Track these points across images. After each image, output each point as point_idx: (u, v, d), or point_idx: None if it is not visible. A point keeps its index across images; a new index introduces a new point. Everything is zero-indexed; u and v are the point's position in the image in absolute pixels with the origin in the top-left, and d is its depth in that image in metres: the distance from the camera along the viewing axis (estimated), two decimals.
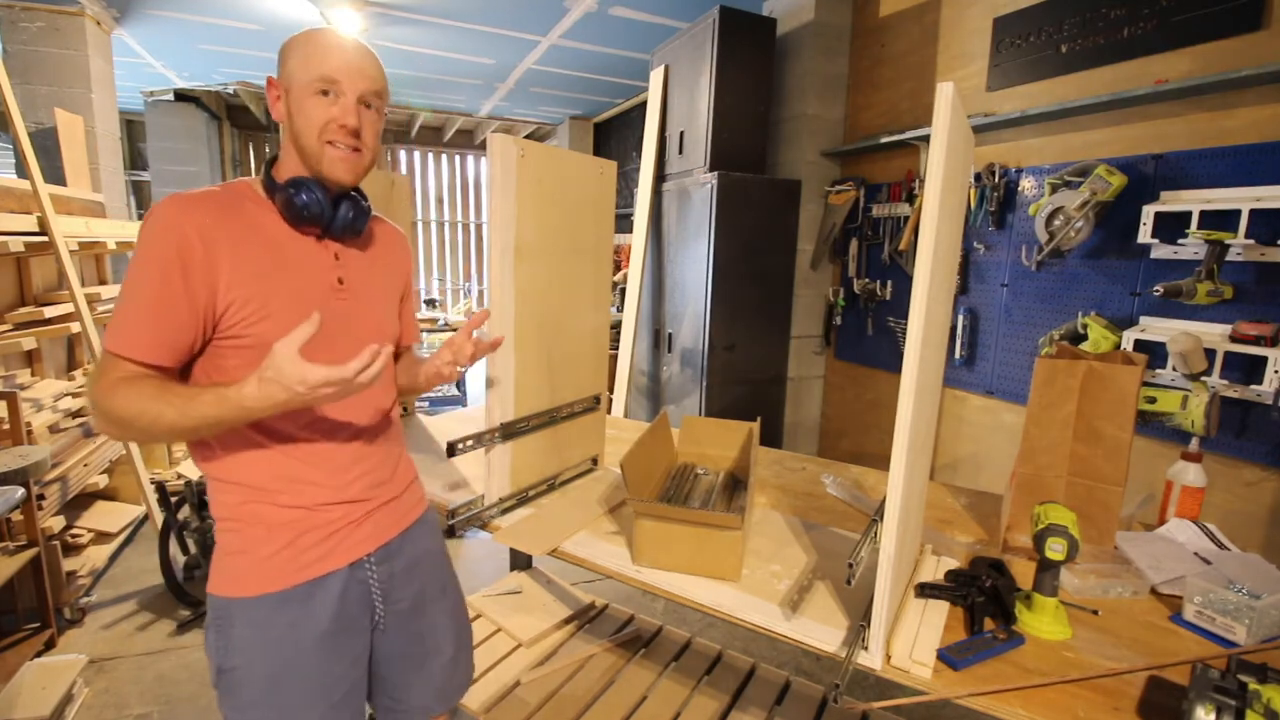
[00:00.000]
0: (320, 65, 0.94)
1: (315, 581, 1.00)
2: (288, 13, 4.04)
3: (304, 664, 1.00)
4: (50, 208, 2.61)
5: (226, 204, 0.95)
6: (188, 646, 2.35)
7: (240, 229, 0.94)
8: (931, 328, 0.97)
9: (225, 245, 0.91)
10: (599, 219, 1.64)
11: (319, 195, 0.96)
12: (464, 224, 8.96)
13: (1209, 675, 0.86)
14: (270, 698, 0.99)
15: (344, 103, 0.95)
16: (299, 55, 0.95)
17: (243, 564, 0.98)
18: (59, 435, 2.71)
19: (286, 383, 0.81)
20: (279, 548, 0.98)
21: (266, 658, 0.99)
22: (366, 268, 1.08)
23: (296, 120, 0.95)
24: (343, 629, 1.03)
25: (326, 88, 0.94)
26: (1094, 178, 2.16)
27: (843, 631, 1.04)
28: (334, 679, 1.03)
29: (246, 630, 0.98)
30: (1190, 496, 1.45)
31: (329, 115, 0.95)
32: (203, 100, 6.48)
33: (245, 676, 0.99)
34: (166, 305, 0.88)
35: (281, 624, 0.99)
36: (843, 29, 3.38)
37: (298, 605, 0.99)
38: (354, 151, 0.98)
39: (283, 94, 0.97)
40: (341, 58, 0.95)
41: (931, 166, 0.90)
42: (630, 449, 1.32)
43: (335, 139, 0.96)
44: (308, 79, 0.94)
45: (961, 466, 2.94)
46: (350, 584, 1.04)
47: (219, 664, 1.00)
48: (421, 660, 1.16)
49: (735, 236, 3.18)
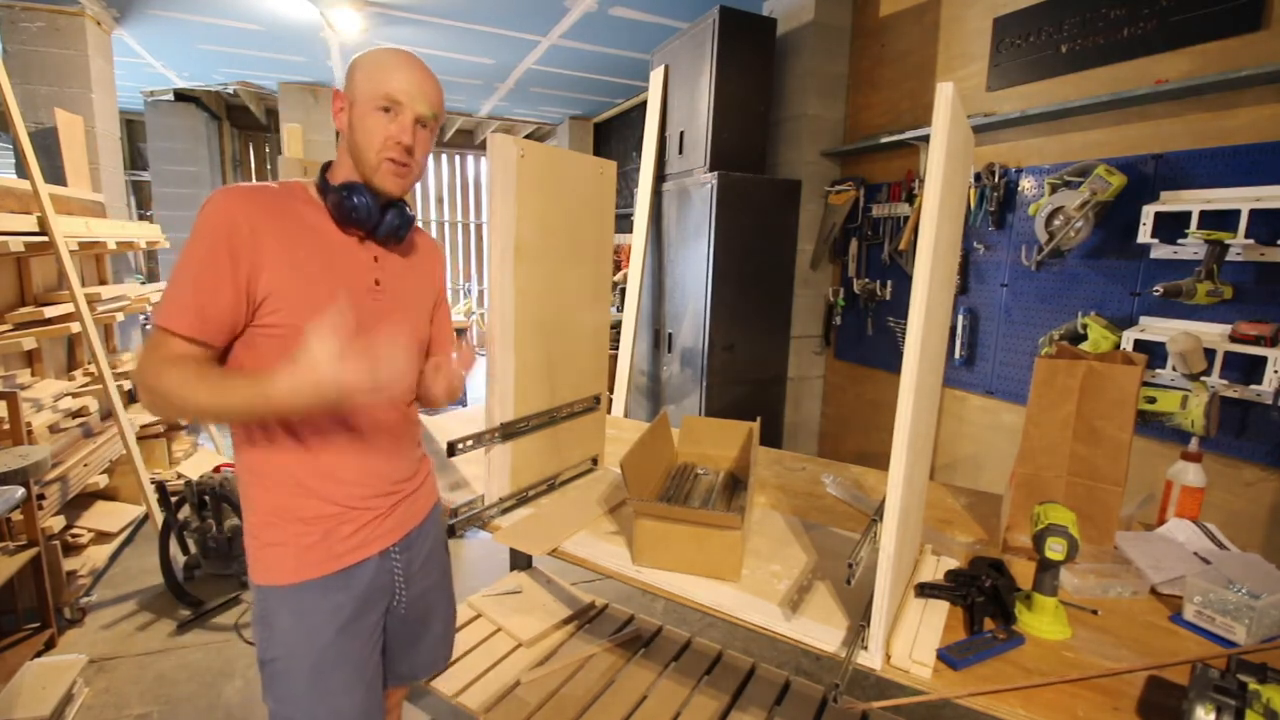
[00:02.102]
0: (384, 84, 1.00)
1: (350, 569, 1.07)
2: (288, 13, 4.04)
3: (342, 650, 1.07)
4: (50, 208, 2.61)
5: (278, 198, 1.00)
6: (188, 646, 2.35)
7: (288, 223, 0.99)
8: (931, 328, 0.97)
9: (271, 235, 0.96)
10: (599, 219, 1.64)
11: (369, 200, 1.02)
12: (464, 224, 8.96)
13: (1209, 675, 0.86)
14: (314, 687, 1.05)
15: (402, 121, 1.01)
16: (366, 71, 1.01)
17: (283, 554, 1.03)
18: (59, 435, 2.71)
19: (321, 379, 0.84)
20: (317, 539, 1.04)
21: (309, 647, 1.04)
22: (403, 273, 1.13)
23: (357, 133, 1.01)
24: (371, 613, 1.11)
25: (388, 105, 1.00)
26: (1094, 178, 2.16)
27: (843, 631, 1.04)
28: (364, 660, 1.11)
29: (288, 619, 1.04)
30: (1190, 496, 1.45)
31: (387, 132, 1.00)
32: (203, 100, 6.48)
33: (288, 668, 1.04)
34: (213, 285, 0.93)
35: (323, 610, 1.05)
36: (843, 29, 3.38)
37: (336, 592, 1.06)
38: (404, 167, 1.03)
39: (346, 106, 1.02)
40: (405, 79, 1.01)
41: (931, 166, 0.90)
42: (630, 449, 1.32)
43: (392, 155, 1.01)
44: (372, 95, 1.00)
45: (961, 466, 2.94)
46: (379, 571, 1.11)
47: (262, 656, 1.06)
48: (418, 637, 1.25)
49: (735, 236, 3.18)
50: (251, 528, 1.05)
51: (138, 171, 7.19)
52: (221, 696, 2.09)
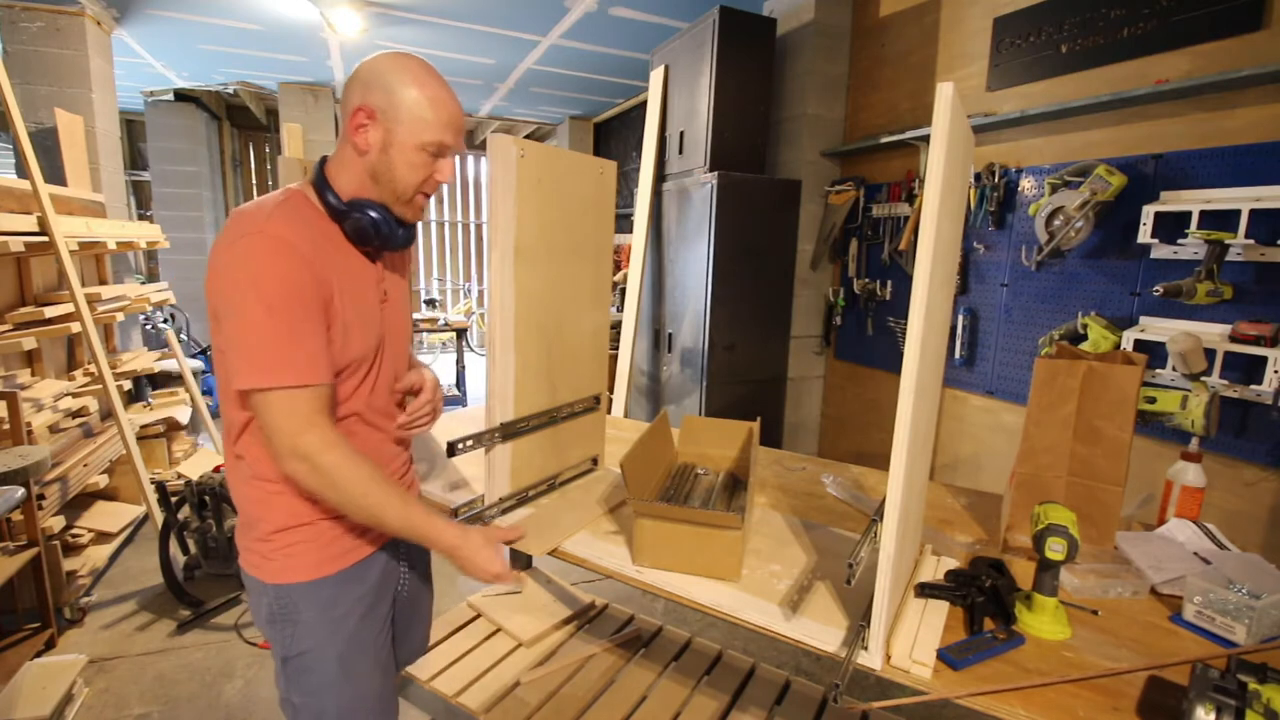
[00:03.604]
0: (440, 130, 0.97)
1: (366, 560, 1.12)
2: (288, 13, 4.04)
3: (363, 638, 1.10)
4: (50, 208, 2.61)
5: (311, 225, 0.97)
6: (188, 646, 2.35)
7: (327, 252, 0.97)
8: (931, 328, 0.97)
9: (328, 272, 0.95)
10: (599, 219, 1.63)
11: (394, 225, 1.01)
12: (464, 224, 8.95)
13: (1209, 675, 0.86)
14: (343, 675, 1.08)
15: (446, 164, 1.00)
16: (415, 105, 0.95)
17: (306, 551, 1.05)
18: (59, 435, 2.71)
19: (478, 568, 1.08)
20: (338, 534, 1.07)
21: (336, 637, 1.07)
22: (396, 279, 1.15)
23: (398, 167, 0.98)
24: (384, 601, 1.17)
25: (442, 152, 0.99)
26: (1094, 178, 2.16)
27: (843, 631, 1.04)
28: (381, 646, 1.15)
29: (314, 613, 1.05)
30: (1190, 496, 1.45)
31: (432, 171, 0.99)
32: (203, 100, 6.48)
33: (316, 660, 1.06)
34: (319, 330, 0.93)
35: (347, 600, 1.08)
36: (843, 29, 3.38)
37: (357, 582, 1.09)
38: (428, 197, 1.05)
39: (380, 129, 0.96)
40: (455, 121, 0.99)
41: (931, 166, 0.90)
42: (630, 449, 1.32)
43: (429, 190, 1.02)
44: (425, 138, 0.97)
45: (961, 466, 2.94)
46: (389, 560, 1.17)
47: (285, 653, 1.06)
48: (410, 623, 1.31)
49: (735, 236, 3.18)
50: (263, 533, 1.04)
51: (138, 171, 7.18)
52: (221, 696, 2.09)
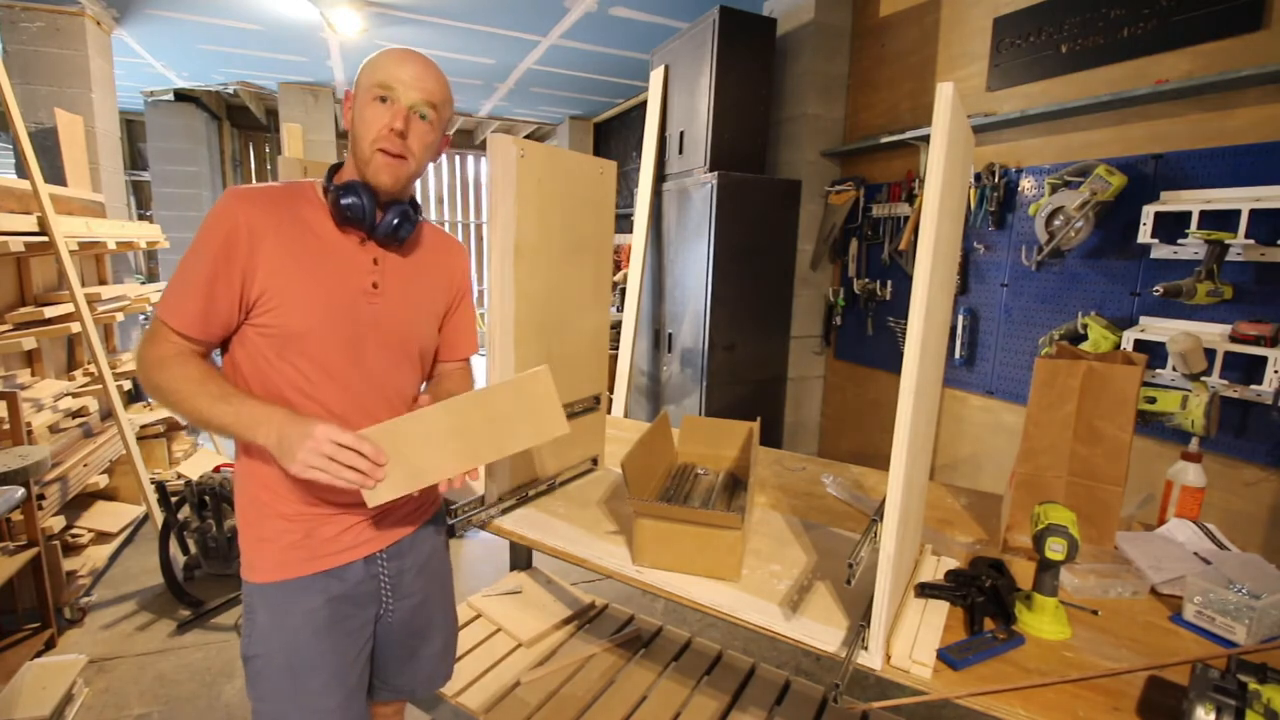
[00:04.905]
0: (379, 73, 1.00)
1: (330, 572, 1.06)
2: (288, 13, 4.04)
3: (321, 652, 1.05)
4: (50, 208, 2.61)
5: (281, 200, 1.01)
6: (188, 646, 2.35)
7: (288, 224, 1.00)
8: (931, 328, 0.97)
9: (269, 237, 0.97)
10: (599, 219, 1.63)
11: (364, 199, 1.01)
12: (464, 224, 8.95)
13: (1209, 675, 0.86)
14: (290, 686, 1.05)
15: (396, 109, 1.00)
16: (367, 67, 1.02)
17: (266, 551, 1.04)
18: (59, 435, 2.71)
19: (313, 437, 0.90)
20: (299, 537, 1.04)
21: (285, 646, 1.04)
22: (408, 276, 1.12)
23: (356, 127, 1.01)
24: (353, 618, 1.10)
25: (384, 94, 0.99)
26: (1094, 178, 2.16)
27: (843, 631, 1.04)
28: (348, 666, 1.09)
29: (266, 617, 1.04)
30: (1190, 496, 1.44)
31: (382, 122, 0.99)
32: (203, 100, 6.48)
33: (266, 666, 1.04)
34: (210, 286, 0.95)
35: (298, 611, 1.04)
36: (843, 29, 3.38)
37: (314, 594, 1.05)
38: (398, 158, 1.01)
39: (352, 104, 1.03)
40: (400, 67, 1.00)
41: (931, 166, 0.90)
42: (630, 449, 1.32)
43: (385, 146, 1.00)
44: (368, 86, 1.00)
45: (961, 466, 2.93)
46: (364, 577, 1.10)
47: (244, 652, 1.06)
48: (414, 650, 1.23)
49: (735, 236, 3.18)
50: (240, 523, 1.06)
51: (138, 171, 7.18)
52: (221, 696, 2.09)
